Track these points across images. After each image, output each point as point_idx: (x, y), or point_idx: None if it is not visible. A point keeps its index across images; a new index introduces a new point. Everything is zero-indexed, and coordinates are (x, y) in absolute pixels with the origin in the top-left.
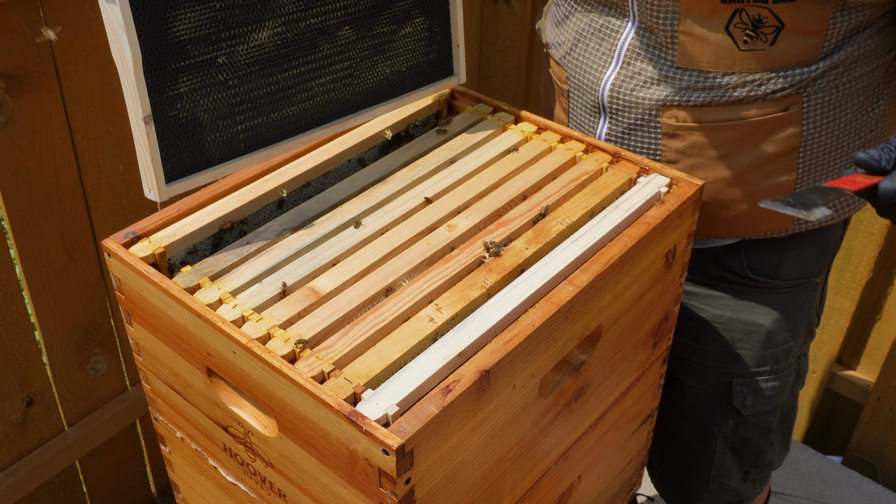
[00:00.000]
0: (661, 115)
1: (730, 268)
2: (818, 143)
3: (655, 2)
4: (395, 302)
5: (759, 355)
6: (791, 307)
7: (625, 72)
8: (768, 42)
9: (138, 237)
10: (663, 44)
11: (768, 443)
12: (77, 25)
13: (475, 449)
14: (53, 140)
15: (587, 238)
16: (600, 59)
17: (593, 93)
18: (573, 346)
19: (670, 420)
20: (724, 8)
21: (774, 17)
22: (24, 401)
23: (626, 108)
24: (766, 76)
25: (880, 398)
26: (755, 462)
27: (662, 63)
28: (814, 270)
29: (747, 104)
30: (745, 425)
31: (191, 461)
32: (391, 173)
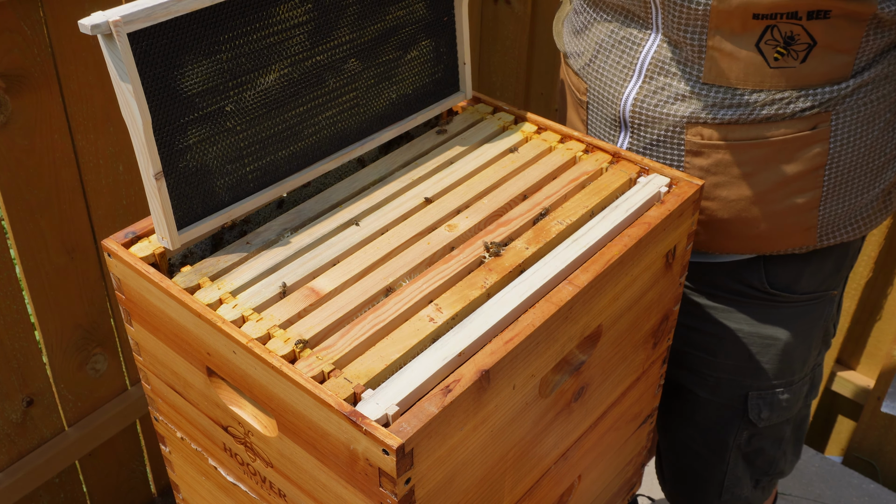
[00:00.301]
0: (685, 131)
1: (749, 282)
2: (845, 160)
3: (683, 16)
4: (395, 302)
5: (775, 368)
6: (808, 320)
7: (648, 86)
8: (799, 59)
9: (138, 237)
10: (690, 58)
11: (781, 452)
12: (77, 25)
13: (475, 449)
14: (53, 140)
15: (587, 238)
16: (621, 71)
17: (614, 106)
18: (573, 346)
19: (683, 431)
20: (755, 24)
21: (807, 34)
22: (24, 401)
23: (649, 123)
24: (795, 94)
25: (880, 398)
26: (767, 471)
27: (688, 78)
28: (831, 283)
29: (775, 122)
30: (759, 436)
31: (191, 461)
32: (391, 173)
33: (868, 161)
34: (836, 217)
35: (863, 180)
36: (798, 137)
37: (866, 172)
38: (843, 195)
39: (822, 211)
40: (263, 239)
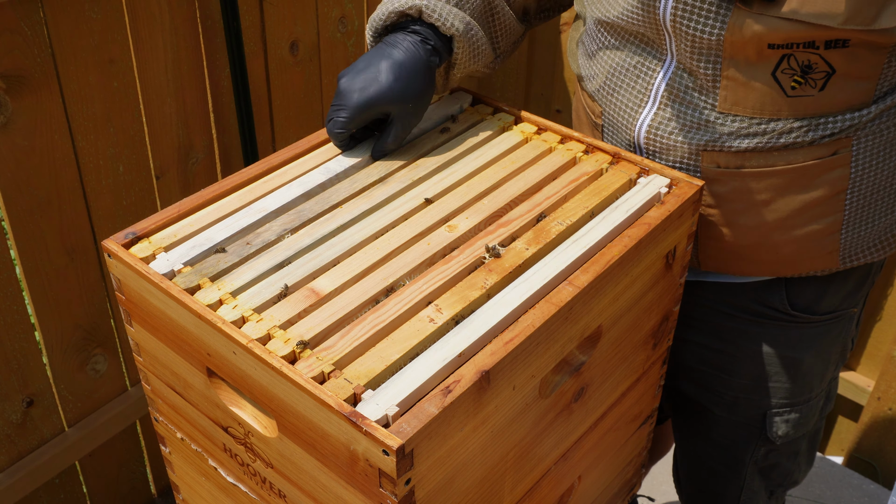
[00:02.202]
0: (701, 159)
1: (770, 304)
2: (867, 184)
3: (696, 45)
4: (395, 302)
5: (794, 387)
6: (829, 338)
7: (662, 114)
8: (818, 88)
9: (138, 238)
10: (705, 87)
11: (796, 465)
12: (77, 25)
13: (475, 449)
14: (53, 141)
15: (587, 239)
16: (635, 98)
17: (628, 132)
18: (573, 346)
19: (699, 448)
20: (771, 53)
21: (825, 62)
22: (24, 401)
23: (664, 150)
24: (814, 122)
25: (880, 398)
26: (782, 483)
27: (703, 107)
28: (852, 302)
29: (794, 150)
30: (775, 452)
31: (191, 462)
32: (391, 173)
33: (891, 183)
34: (859, 240)
35: (886, 202)
36: (818, 164)
37: (890, 195)
38: (867, 218)
39: (844, 235)
40: (263, 239)
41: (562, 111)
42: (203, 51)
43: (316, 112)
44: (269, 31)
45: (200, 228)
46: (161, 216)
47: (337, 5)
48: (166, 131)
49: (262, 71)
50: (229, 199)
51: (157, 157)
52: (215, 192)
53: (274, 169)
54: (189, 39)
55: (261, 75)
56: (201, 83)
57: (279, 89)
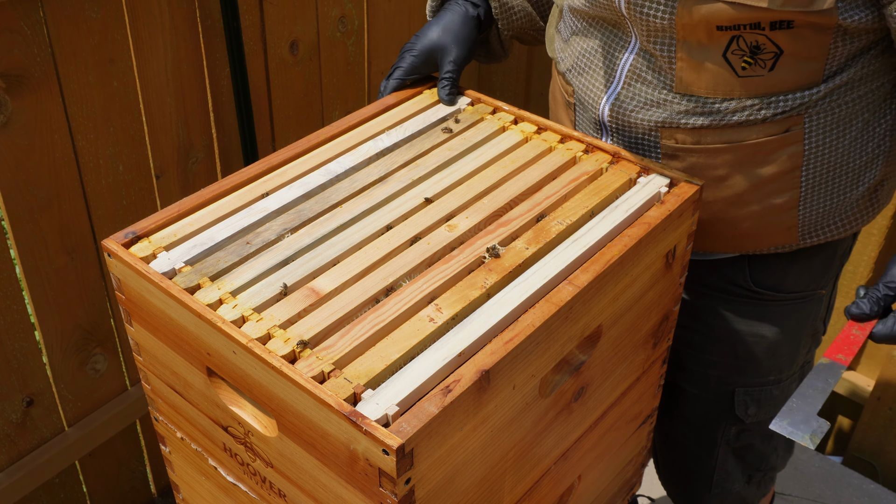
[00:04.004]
0: (660, 136)
1: (734, 280)
2: (821, 161)
3: (651, 28)
4: (395, 302)
5: (763, 365)
6: (796, 318)
7: (625, 92)
8: (767, 68)
9: (138, 237)
10: (662, 68)
11: (771, 448)
12: (77, 25)
13: (475, 449)
14: (53, 140)
15: (587, 238)
16: (602, 78)
17: (594, 110)
18: (573, 346)
19: (673, 426)
20: (720, 35)
21: (773, 43)
22: (24, 401)
23: (626, 127)
24: (765, 101)
25: (880, 398)
26: (759, 466)
27: (662, 87)
28: (820, 282)
29: (747, 127)
30: (747, 432)
31: (191, 461)
32: (391, 173)
33: (847, 161)
34: (818, 216)
35: (843, 180)
36: (770, 141)
37: (847, 172)
38: (824, 195)
39: (801, 210)
40: (263, 239)
41: None
42: (203, 51)
43: (316, 112)
44: (269, 30)
45: (200, 228)
46: (161, 216)
47: (337, 5)
48: (166, 131)
49: (262, 70)
50: (229, 199)
51: (156, 157)
52: (215, 192)
53: (274, 169)
54: (189, 39)
55: (261, 75)
56: (201, 83)
57: (279, 89)
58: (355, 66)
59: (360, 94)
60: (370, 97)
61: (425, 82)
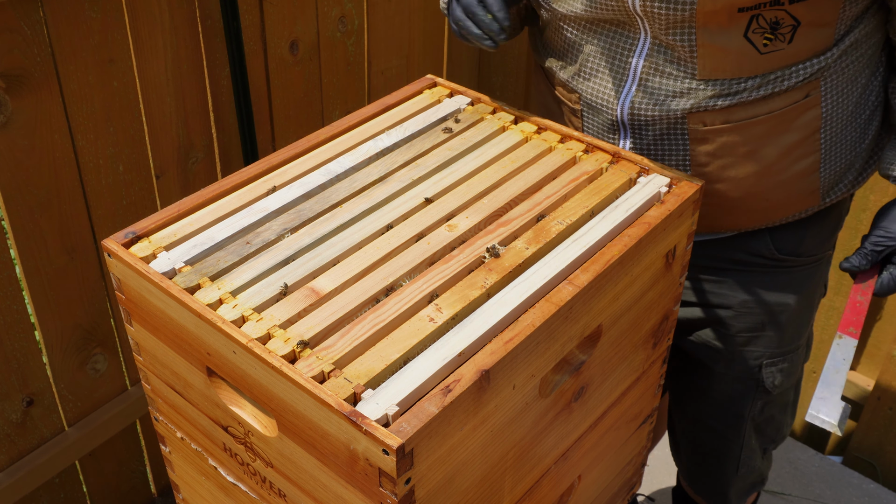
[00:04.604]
0: (687, 122)
1: (757, 251)
2: (836, 120)
3: (669, 21)
4: (395, 302)
5: (786, 333)
6: (812, 281)
7: (644, 89)
8: (786, 41)
9: (138, 237)
10: (683, 58)
11: (784, 417)
12: (77, 25)
13: (475, 449)
14: (53, 140)
15: (587, 238)
16: (613, 78)
17: (610, 112)
18: (573, 345)
19: (698, 407)
20: (740, 16)
21: (791, 16)
22: (24, 401)
23: (650, 122)
24: (787, 72)
25: (880, 398)
26: (774, 438)
27: (684, 76)
28: (829, 244)
29: (771, 99)
30: (771, 404)
31: (191, 461)
32: (391, 173)
33: (856, 117)
34: (835, 175)
35: (854, 135)
36: (793, 108)
37: (856, 127)
38: (839, 152)
39: (822, 171)
40: (263, 239)
41: None
42: (203, 50)
43: (316, 111)
44: (269, 30)
45: (200, 228)
46: (161, 216)
47: (337, 5)
48: (166, 131)
49: (262, 70)
50: (229, 199)
51: (156, 157)
52: (215, 192)
53: (274, 169)
54: (189, 39)
55: (261, 75)
56: (201, 83)
57: (279, 89)
58: (355, 66)
59: (360, 94)
60: (370, 97)
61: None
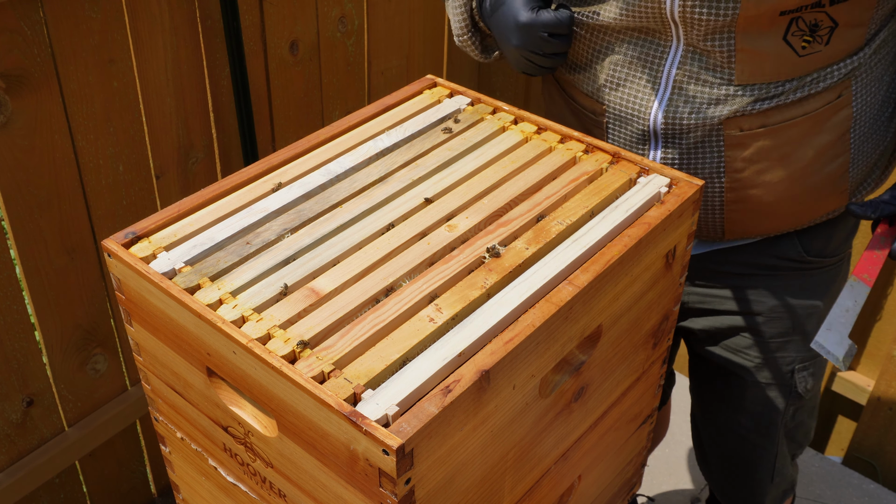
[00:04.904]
0: (723, 128)
1: (785, 255)
2: (865, 119)
3: (710, 26)
4: (395, 302)
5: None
6: (837, 281)
7: (678, 97)
8: (824, 42)
9: (138, 237)
10: (719, 64)
11: (812, 421)
12: (77, 25)
13: (475, 449)
14: (53, 140)
15: (587, 238)
16: (645, 87)
17: (641, 122)
18: (573, 346)
19: (730, 418)
20: (781, 19)
21: (830, 18)
22: (24, 401)
23: (685, 131)
24: (823, 73)
25: (880, 398)
26: (802, 443)
27: (720, 83)
28: (850, 242)
29: (807, 101)
30: (801, 409)
31: (191, 461)
32: (391, 173)
33: (881, 115)
34: (862, 174)
35: (879, 134)
36: (827, 109)
37: (881, 125)
38: (867, 151)
39: (851, 171)
40: (263, 239)
41: None
42: (203, 51)
43: (316, 112)
44: (269, 30)
45: (200, 228)
46: (161, 216)
47: (337, 5)
48: (166, 131)
49: (262, 71)
50: (229, 199)
51: (156, 157)
52: (215, 192)
53: (274, 169)
54: (189, 39)
55: (261, 75)
56: (201, 83)
57: (279, 89)
58: (355, 66)
59: (360, 94)
60: (370, 97)
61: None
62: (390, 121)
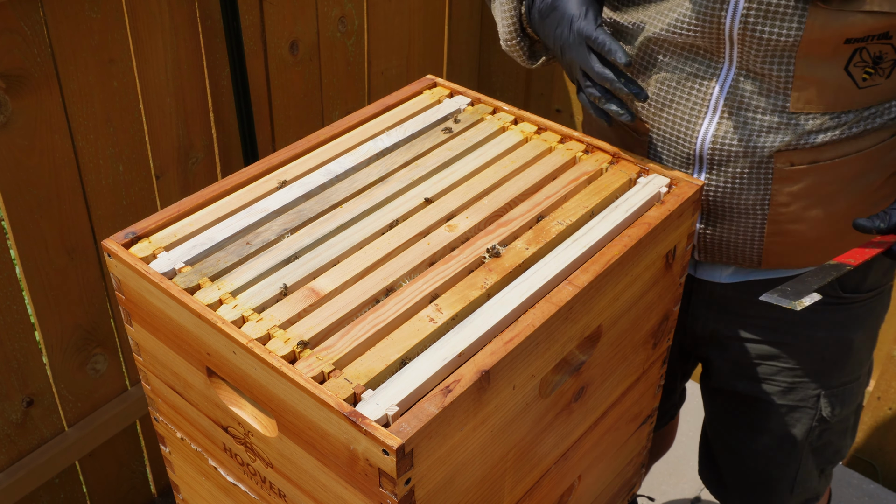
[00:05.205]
0: (774, 160)
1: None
2: None
3: (769, 48)
4: (395, 302)
5: (848, 366)
6: (875, 314)
7: (728, 122)
8: (885, 75)
9: (138, 237)
10: (774, 89)
11: (844, 440)
12: (77, 25)
13: (475, 449)
14: (53, 140)
15: (587, 238)
16: (692, 108)
17: (687, 144)
18: (573, 346)
19: (754, 439)
20: (845, 48)
21: (895, 50)
22: (24, 401)
23: (733, 158)
24: (881, 108)
25: (880, 398)
26: (831, 459)
27: (773, 108)
28: (890, 275)
29: (862, 137)
30: (829, 431)
31: (191, 461)
32: (391, 173)
33: None
34: None
35: None
36: (881, 147)
37: None
38: None
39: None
40: (263, 239)
41: (562, 111)
42: (203, 51)
43: (316, 112)
44: (269, 30)
45: (200, 228)
46: (161, 216)
47: (337, 5)
48: (166, 131)
49: (262, 71)
50: (229, 199)
51: (156, 157)
52: (215, 192)
53: (274, 169)
54: (189, 39)
55: (261, 75)
56: (201, 83)
57: (279, 89)
58: (355, 66)
59: (360, 94)
60: (370, 97)
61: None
62: (390, 121)
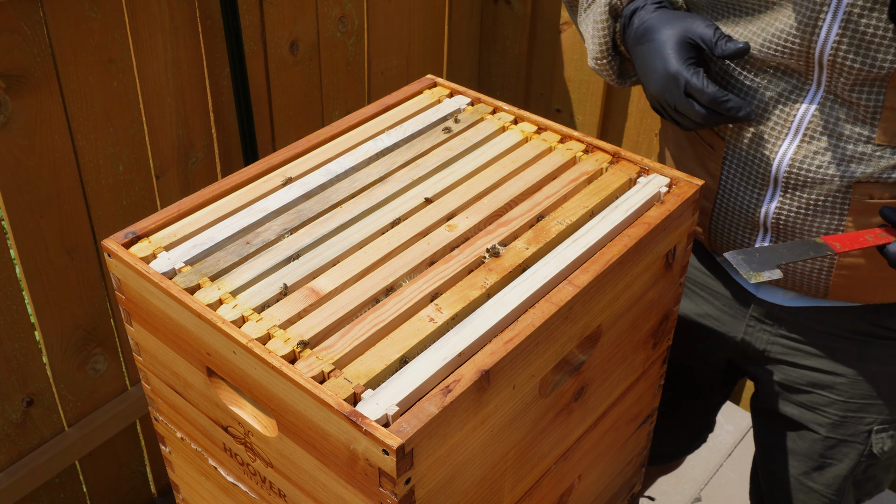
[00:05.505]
0: (852, 192)
1: (882, 323)
2: None
3: (860, 77)
4: (395, 302)
5: None
6: None
7: (808, 146)
8: None
9: (138, 237)
10: (860, 118)
11: (888, 475)
12: (77, 25)
13: (475, 449)
14: (53, 140)
15: (587, 238)
16: (772, 129)
17: (763, 165)
18: (573, 346)
19: (797, 468)
20: None
21: None
22: (24, 401)
23: (810, 184)
24: None
25: None
26: (871, 492)
27: (858, 139)
28: None
29: None
30: (875, 466)
31: (191, 461)
32: (391, 173)
33: None
34: None
35: None
36: None
37: None
38: None
39: None
40: (263, 239)
41: (562, 111)
42: (203, 51)
43: (316, 112)
44: (269, 30)
45: (200, 228)
46: (161, 216)
47: (337, 5)
48: (166, 131)
49: (262, 71)
50: (229, 199)
51: (157, 157)
52: (215, 192)
53: (274, 168)
54: (189, 39)
55: (261, 75)
56: (201, 83)
57: (279, 89)
58: (355, 66)
59: (360, 94)
60: (370, 97)
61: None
62: (390, 121)
